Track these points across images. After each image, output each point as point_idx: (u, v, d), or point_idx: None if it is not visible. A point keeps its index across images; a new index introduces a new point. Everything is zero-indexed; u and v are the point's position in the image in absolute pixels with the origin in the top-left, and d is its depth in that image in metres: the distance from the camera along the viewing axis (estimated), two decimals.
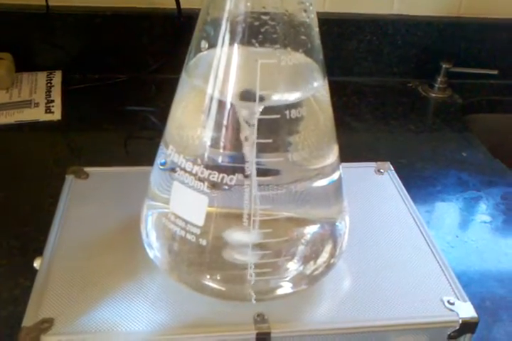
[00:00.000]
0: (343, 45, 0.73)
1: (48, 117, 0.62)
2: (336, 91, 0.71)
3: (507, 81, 0.77)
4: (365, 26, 0.72)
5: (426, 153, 0.62)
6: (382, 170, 0.48)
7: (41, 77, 0.69)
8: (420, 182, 0.57)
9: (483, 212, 0.54)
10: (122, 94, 0.68)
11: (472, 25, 0.74)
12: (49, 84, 0.68)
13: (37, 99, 0.65)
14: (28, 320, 0.34)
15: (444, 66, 0.72)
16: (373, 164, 0.49)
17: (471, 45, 0.74)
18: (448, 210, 0.54)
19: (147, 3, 0.69)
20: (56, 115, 0.63)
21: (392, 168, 0.49)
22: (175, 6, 0.67)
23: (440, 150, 0.63)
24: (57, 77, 0.69)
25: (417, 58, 0.75)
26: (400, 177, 0.51)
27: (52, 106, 0.64)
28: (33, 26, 0.68)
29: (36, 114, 0.63)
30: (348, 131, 0.65)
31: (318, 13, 0.67)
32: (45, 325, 0.33)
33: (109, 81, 0.69)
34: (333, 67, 0.73)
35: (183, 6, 0.67)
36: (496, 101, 0.75)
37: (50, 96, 0.66)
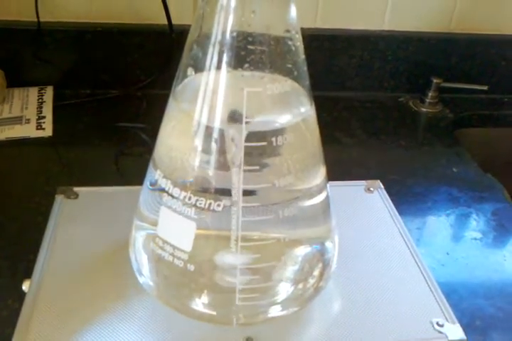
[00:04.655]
0: (334, 60, 0.73)
1: (39, 134, 0.62)
2: (327, 106, 0.73)
3: (496, 95, 0.77)
4: (356, 42, 0.72)
5: (417, 168, 0.62)
6: (372, 189, 0.48)
7: (32, 92, 0.69)
8: (411, 198, 0.57)
9: (474, 229, 0.54)
10: (113, 110, 0.68)
11: (462, 40, 0.74)
12: (40, 100, 0.68)
13: (28, 116, 0.65)
14: None
15: (434, 81, 0.72)
16: (363, 182, 0.49)
17: (462, 60, 0.75)
18: (439, 227, 0.54)
19: (138, 19, 0.69)
20: (47, 131, 0.62)
21: (382, 186, 0.49)
22: (166, 22, 0.67)
23: (431, 165, 0.63)
24: (49, 93, 0.69)
25: (407, 73, 0.75)
26: (391, 194, 0.51)
27: (44, 123, 0.64)
28: (24, 42, 0.68)
29: (27, 131, 0.62)
30: (339, 146, 0.65)
31: (309, 29, 0.67)
32: None
33: (101, 96, 0.70)
34: (324, 82, 0.73)
35: (174, 22, 0.67)
36: (486, 116, 0.76)
37: (41, 113, 0.65)
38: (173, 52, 0.67)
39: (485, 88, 0.73)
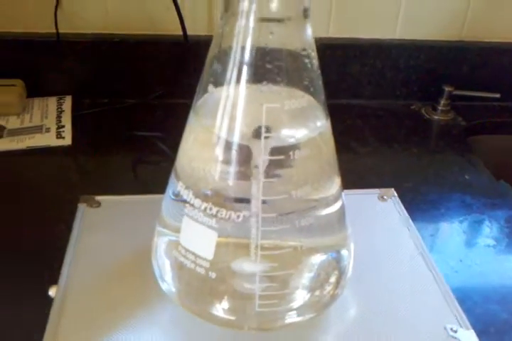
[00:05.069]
0: (347, 68, 0.74)
1: (59, 142, 0.64)
2: (340, 114, 0.73)
3: (509, 103, 0.78)
4: (369, 50, 0.73)
5: (430, 176, 0.63)
6: (385, 197, 0.49)
7: (52, 102, 0.71)
8: (424, 205, 0.58)
9: (487, 236, 0.54)
10: (131, 119, 0.70)
11: (474, 48, 0.75)
12: (59, 109, 0.69)
13: (48, 125, 0.66)
14: None
15: (446, 89, 0.73)
16: (377, 191, 0.50)
17: (474, 68, 0.75)
18: (452, 234, 0.54)
19: (154, 30, 0.71)
20: (67, 140, 0.64)
21: (396, 195, 0.50)
22: (181, 33, 0.68)
23: (444, 173, 0.64)
24: (68, 102, 0.71)
25: (419, 81, 0.76)
26: (404, 201, 0.51)
27: (63, 132, 0.65)
28: (44, 53, 0.70)
29: (47, 140, 0.64)
30: (352, 154, 0.66)
31: (322, 38, 0.68)
32: None
33: (118, 105, 0.71)
34: (337, 91, 0.74)
35: (189, 32, 0.68)
36: (498, 123, 0.76)
37: (60, 122, 0.67)
38: (188, 62, 0.68)
39: (497, 96, 0.73)
